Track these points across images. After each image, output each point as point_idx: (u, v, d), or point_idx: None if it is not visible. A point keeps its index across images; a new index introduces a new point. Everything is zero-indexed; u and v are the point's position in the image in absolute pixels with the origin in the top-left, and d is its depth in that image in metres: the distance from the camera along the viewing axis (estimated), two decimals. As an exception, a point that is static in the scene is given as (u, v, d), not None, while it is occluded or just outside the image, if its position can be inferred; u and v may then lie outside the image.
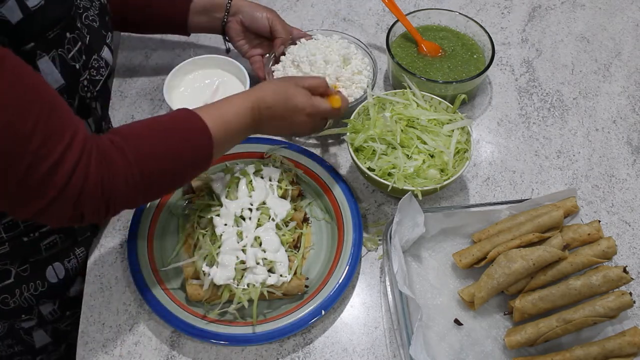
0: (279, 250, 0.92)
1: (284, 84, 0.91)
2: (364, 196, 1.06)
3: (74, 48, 0.82)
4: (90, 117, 0.93)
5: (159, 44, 1.30)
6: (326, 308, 0.89)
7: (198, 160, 0.81)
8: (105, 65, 0.91)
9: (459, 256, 0.91)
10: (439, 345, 0.87)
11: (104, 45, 0.92)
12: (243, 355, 0.89)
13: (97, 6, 0.92)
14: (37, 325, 1.01)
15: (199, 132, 0.79)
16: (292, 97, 0.89)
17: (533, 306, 0.85)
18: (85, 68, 0.85)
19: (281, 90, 0.89)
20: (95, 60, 0.89)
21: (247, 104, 0.85)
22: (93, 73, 0.88)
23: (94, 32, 0.89)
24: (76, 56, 0.83)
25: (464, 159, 0.99)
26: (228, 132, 0.83)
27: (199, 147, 0.79)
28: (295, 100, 0.90)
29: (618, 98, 1.22)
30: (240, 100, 0.86)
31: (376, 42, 1.31)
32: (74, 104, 0.85)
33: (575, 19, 1.37)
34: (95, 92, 0.89)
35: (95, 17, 0.91)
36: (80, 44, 0.83)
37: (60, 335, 1.05)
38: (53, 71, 0.78)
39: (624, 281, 0.84)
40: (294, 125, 0.93)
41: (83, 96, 0.86)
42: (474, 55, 1.19)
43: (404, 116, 1.03)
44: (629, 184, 1.09)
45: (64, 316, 1.03)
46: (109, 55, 0.93)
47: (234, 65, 1.12)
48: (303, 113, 0.91)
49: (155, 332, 0.91)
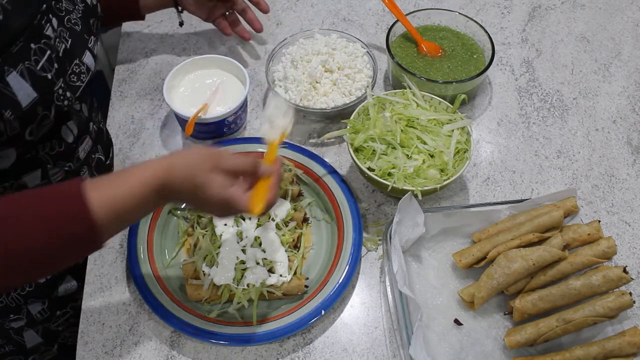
0: (279, 250, 0.92)
1: (196, 164, 0.73)
2: (364, 196, 1.06)
3: (43, 58, 0.78)
4: (71, 120, 0.91)
5: (159, 44, 1.30)
6: (326, 308, 0.89)
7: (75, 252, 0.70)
8: (86, 70, 0.88)
9: (459, 256, 0.91)
10: (439, 345, 0.87)
11: (85, 50, 0.89)
12: (243, 355, 0.89)
13: (81, 9, 0.89)
14: (27, 325, 1.00)
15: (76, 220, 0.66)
16: (201, 187, 0.72)
17: (533, 306, 0.85)
18: (60, 76, 0.81)
19: (191, 174, 0.72)
20: (76, 65, 0.86)
21: (149, 187, 0.70)
22: (73, 79, 0.85)
23: (75, 36, 0.86)
24: (46, 66, 0.78)
25: (464, 159, 0.99)
26: (120, 216, 0.69)
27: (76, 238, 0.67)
28: (206, 192, 0.72)
29: (618, 98, 1.22)
30: (143, 182, 0.70)
31: (376, 42, 1.31)
32: (49, 115, 0.81)
33: (575, 19, 1.37)
34: (74, 98, 0.85)
35: (78, 20, 0.88)
36: (49, 52, 0.79)
37: (51, 336, 1.05)
38: (23, 86, 0.75)
39: (624, 281, 0.84)
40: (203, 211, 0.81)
41: (59, 105, 0.82)
42: (474, 55, 1.19)
43: (404, 116, 1.03)
44: (629, 184, 1.09)
45: (54, 316, 1.03)
46: (90, 60, 0.89)
47: (234, 65, 1.12)
48: (213, 206, 0.75)
49: (155, 332, 0.91)
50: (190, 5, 1.16)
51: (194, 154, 0.74)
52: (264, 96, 1.21)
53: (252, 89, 1.22)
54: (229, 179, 0.74)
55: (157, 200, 0.72)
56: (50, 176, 0.91)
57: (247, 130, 1.15)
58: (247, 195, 0.74)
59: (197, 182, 0.72)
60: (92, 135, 1.00)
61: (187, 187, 0.72)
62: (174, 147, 1.13)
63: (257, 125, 1.16)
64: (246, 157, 0.77)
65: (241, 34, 1.23)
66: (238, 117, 1.09)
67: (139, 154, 1.12)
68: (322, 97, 1.13)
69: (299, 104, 1.12)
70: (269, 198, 0.75)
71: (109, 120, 1.17)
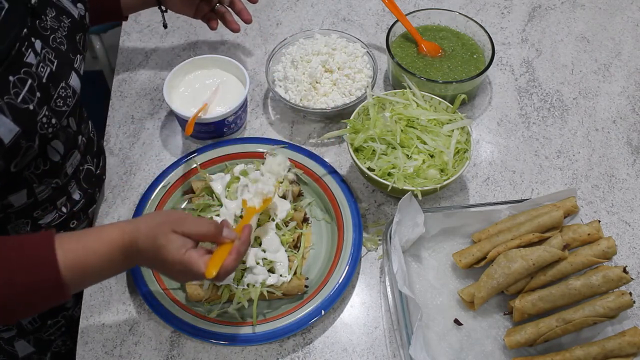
0: (279, 250, 0.92)
1: (158, 228, 0.74)
2: (364, 196, 1.06)
3: (24, 89, 0.74)
4: (57, 139, 0.88)
5: (159, 44, 1.30)
6: (326, 308, 0.89)
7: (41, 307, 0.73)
8: (72, 94, 0.84)
9: (459, 256, 0.91)
10: (439, 345, 0.87)
11: (71, 71, 0.84)
12: (243, 355, 0.89)
13: (66, 26, 0.85)
14: (18, 335, 0.99)
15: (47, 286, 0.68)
16: (161, 247, 0.73)
17: (533, 306, 0.85)
18: (43, 104, 0.78)
19: (154, 235, 0.73)
20: (62, 88, 0.82)
21: (115, 247, 0.72)
22: (59, 104, 0.81)
23: (61, 56, 0.82)
24: (27, 97, 0.75)
25: (463, 159, 0.99)
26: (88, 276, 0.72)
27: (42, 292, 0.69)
28: (165, 252, 0.73)
29: (618, 98, 1.22)
30: (110, 242, 0.72)
31: (376, 42, 1.31)
32: (33, 145, 0.78)
33: (575, 19, 1.37)
34: (59, 125, 0.82)
35: (63, 39, 0.84)
36: (30, 82, 0.75)
37: (43, 345, 1.04)
38: (4, 121, 0.71)
39: (624, 281, 0.84)
40: (165, 273, 0.79)
41: (44, 133, 0.79)
42: (474, 55, 1.19)
43: (404, 116, 1.03)
44: (629, 184, 1.09)
45: (45, 325, 1.02)
46: (77, 82, 0.85)
47: (234, 65, 1.12)
48: (169, 268, 0.74)
49: (155, 332, 0.91)
50: (175, 4, 1.11)
51: (158, 216, 0.76)
52: (263, 96, 1.21)
53: (252, 89, 1.22)
54: (189, 242, 0.74)
55: (123, 260, 0.73)
56: (37, 194, 0.89)
57: (247, 130, 1.15)
58: (204, 259, 0.73)
59: (158, 243, 0.72)
60: (81, 149, 0.97)
61: (150, 247, 0.73)
62: (174, 147, 1.13)
63: (257, 125, 1.16)
64: (210, 222, 0.77)
65: (230, 25, 1.16)
66: (238, 117, 1.09)
67: (139, 154, 1.12)
68: (322, 97, 1.13)
69: (298, 104, 1.12)
70: (226, 264, 0.74)
71: (109, 120, 1.17)
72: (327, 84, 1.14)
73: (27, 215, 0.90)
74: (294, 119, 1.17)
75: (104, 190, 1.07)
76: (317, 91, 1.13)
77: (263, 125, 1.16)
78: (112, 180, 1.08)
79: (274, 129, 1.16)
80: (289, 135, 1.14)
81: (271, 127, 1.16)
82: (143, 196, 1.01)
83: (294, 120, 1.17)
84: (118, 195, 1.06)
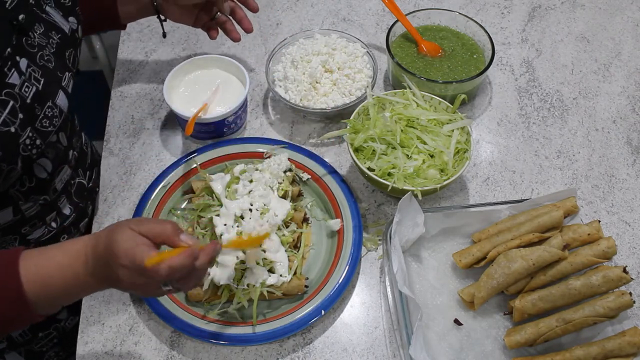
0: (279, 250, 0.92)
1: (116, 227, 0.71)
2: (364, 196, 1.06)
3: (4, 111, 0.72)
4: (44, 157, 0.86)
5: (159, 44, 1.30)
6: (326, 308, 0.89)
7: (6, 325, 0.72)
8: (59, 113, 0.82)
9: (459, 256, 0.91)
10: (439, 345, 0.87)
11: (59, 90, 0.82)
12: (243, 355, 0.89)
13: (55, 43, 0.82)
14: (8, 347, 0.99)
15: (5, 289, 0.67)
16: (114, 242, 0.69)
17: (533, 306, 0.85)
18: (26, 125, 0.75)
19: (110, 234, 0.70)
20: (48, 108, 0.80)
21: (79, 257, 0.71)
22: (45, 124, 0.79)
23: (48, 74, 0.80)
24: (8, 119, 0.73)
25: (463, 159, 0.99)
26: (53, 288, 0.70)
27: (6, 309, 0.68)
28: (116, 247, 0.68)
29: (618, 98, 1.22)
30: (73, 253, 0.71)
31: (376, 42, 1.31)
32: (16, 167, 0.76)
33: (575, 19, 1.37)
34: (44, 146, 0.80)
35: (51, 56, 0.81)
36: (12, 103, 0.73)
37: (35, 357, 1.03)
38: None
39: (624, 281, 0.84)
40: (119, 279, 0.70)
41: (27, 155, 0.77)
42: (474, 55, 1.19)
43: (404, 116, 1.03)
44: (629, 184, 1.09)
45: (36, 337, 1.01)
46: (64, 102, 0.83)
47: (234, 65, 1.12)
48: (118, 262, 0.68)
49: (155, 332, 0.91)
50: (174, 13, 1.10)
51: (118, 222, 0.73)
52: (263, 96, 1.21)
53: (252, 89, 1.22)
54: (145, 241, 0.70)
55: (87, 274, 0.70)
56: (24, 211, 0.87)
57: (247, 130, 1.15)
58: (152, 251, 0.69)
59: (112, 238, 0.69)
60: (72, 163, 0.95)
61: (107, 245, 0.69)
62: (174, 147, 1.13)
63: (257, 125, 1.16)
64: (170, 223, 0.73)
65: (231, 35, 1.13)
66: (238, 117, 1.09)
67: (139, 153, 1.12)
68: (322, 97, 1.13)
69: (298, 104, 1.12)
70: (172, 259, 0.68)
71: (109, 120, 1.17)
72: (327, 84, 1.14)
73: (15, 232, 0.89)
74: (294, 119, 1.17)
75: (97, 203, 1.05)
76: (317, 91, 1.13)
77: (263, 125, 1.16)
78: (112, 180, 1.08)
79: (274, 129, 1.16)
80: (289, 135, 1.14)
81: (271, 127, 1.16)
82: (143, 196, 1.01)
83: (294, 120, 1.17)
84: (118, 195, 1.06)
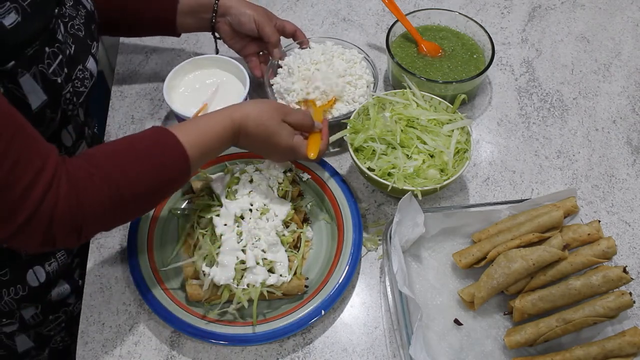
0: (279, 250, 0.92)
1: (269, 115, 0.88)
2: (364, 196, 1.06)
3: (55, 62, 0.79)
4: (71, 125, 0.92)
5: (159, 44, 1.30)
6: (326, 308, 0.89)
7: (173, 182, 0.80)
8: (89, 76, 0.88)
9: (459, 256, 0.91)
10: (439, 345, 0.87)
11: (89, 55, 0.89)
12: (243, 355, 0.89)
13: (83, 15, 0.89)
14: (19, 329, 0.99)
15: (174, 153, 0.78)
16: (273, 134, 0.88)
17: (533, 306, 0.85)
18: (68, 81, 0.82)
19: (264, 123, 0.87)
20: (80, 71, 0.86)
21: (227, 128, 0.85)
22: (77, 84, 0.85)
23: (79, 41, 0.86)
24: (57, 70, 0.79)
25: (463, 159, 0.99)
26: (204, 152, 0.82)
27: (174, 169, 0.78)
28: (276, 138, 0.89)
29: (618, 98, 1.22)
30: (221, 123, 0.85)
31: (376, 42, 1.31)
32: (56, 117, 0.82)
33: (575, 19, 1.37)
34: (79, 104, 0.87)
35: (81, 26, 0.88)
36: (61, 57, 0.80)
37: (43, 340, 1.04)
38: (35, 88, 0.76)
39: (624, 281, 0.84)
40: (268, 154, 0.95)
41: (65, 109, 0.84)
42: (474, 55, 1.19)
43: (404, 116, 1.03)
44: (629, 184, 1.09)
45: (46, 320, 1.02)
46: (93, 66, 0.90)
47: (234, 65, 1.12)
48: (280, 151, 0.91)
49: (155, 332, 0.91)
50: (226, 35, 1.13)
51: (265, 104, 0.90)
52: (264, 96, 1.21)
53: (252, 89, 1.21)
54: (293, 130, 0.91)
55: (233, 141, 0.87)
56: None
57: (247, 130, 1.15)
58: (305, 143, 0.92)
59: (269, 131, 0.87)
60: (88, 140, 0.99)
61: (261, 133, 0.87)
62: (174, 147, 1.13)
63: (257, 125, 1.16)
64: (305, 113, 0.94)
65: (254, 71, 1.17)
66: (238, 117, 1.09)
67: (139, 154, 1.11)
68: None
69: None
70: (321, 147, 0.93)
71: (109, 120, 1.17)
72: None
73: None
74: (294, 119, 1.17)
75: None
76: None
77: (263, 125, 1.16)
78: (112, 180, 1.08)
79: (274, 129, 1.15)
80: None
81: (271, 127, 1.16)
82: (143, 196, 1.01)
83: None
84: (118, 195, 1.06)
